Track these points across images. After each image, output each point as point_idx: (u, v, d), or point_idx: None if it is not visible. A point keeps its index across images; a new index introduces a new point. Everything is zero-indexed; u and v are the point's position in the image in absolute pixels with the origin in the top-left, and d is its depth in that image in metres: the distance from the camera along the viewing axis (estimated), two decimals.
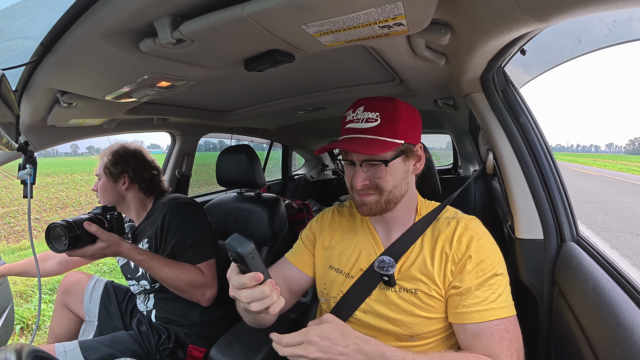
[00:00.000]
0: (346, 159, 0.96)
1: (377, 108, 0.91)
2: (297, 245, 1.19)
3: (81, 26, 0.64)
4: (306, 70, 1.22)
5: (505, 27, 0.67)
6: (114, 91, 0.96)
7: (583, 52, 1.04)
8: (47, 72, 0.83)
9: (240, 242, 0.70)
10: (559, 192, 1.08)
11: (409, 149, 0.94)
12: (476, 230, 0.94)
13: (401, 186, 0.96)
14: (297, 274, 1.13)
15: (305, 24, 0.62)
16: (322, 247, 1.12)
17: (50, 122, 1.19)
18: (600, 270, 0.86)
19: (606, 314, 0.72)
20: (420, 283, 0.92)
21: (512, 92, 1.14)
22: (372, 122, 0.90)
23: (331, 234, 1.12)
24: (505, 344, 0.83)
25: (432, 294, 0.91)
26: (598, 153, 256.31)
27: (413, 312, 0.92)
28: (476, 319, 0.85)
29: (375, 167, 0.92)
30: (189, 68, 0.85)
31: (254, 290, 0.73)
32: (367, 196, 0.95)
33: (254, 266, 0.72)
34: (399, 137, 0.90)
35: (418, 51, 0.92)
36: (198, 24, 0.61)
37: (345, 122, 0.95)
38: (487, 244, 0.92)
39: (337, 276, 1.05)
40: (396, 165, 0.93)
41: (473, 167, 3.44)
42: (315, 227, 1.17)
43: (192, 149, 2.19)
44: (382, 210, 0.96)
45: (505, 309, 0.86)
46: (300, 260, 1.14)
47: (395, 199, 0.96)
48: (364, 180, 0.92)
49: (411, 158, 0.97)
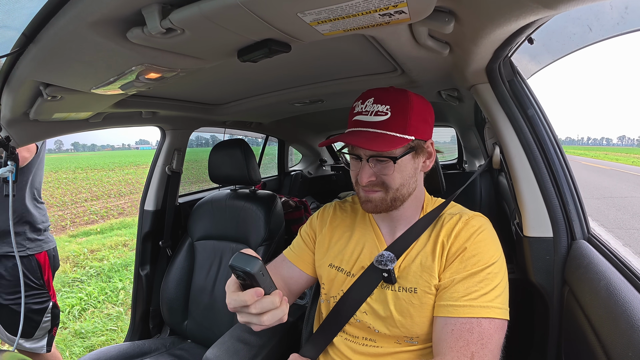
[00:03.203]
0: (352, 152, 0.96)
1: (388, 101, 0.90)
2: (296, 242, 1.19)
3: (65, 15, 0.64)
4: (303, 60, 1.22)
5: (512, 14, 0.67)
6: (101, 83, 0.95)
7: (593, 41, 1.04)
8: (30, 63, 0.83)
9: (247, 261, 0.69)
10: (568, 188, 1.08)
11: (419, 145, 0.94)
12: (477, 226, 0.94)
13: (409, 184, 0.96)
14: (296, 273, 1.13)
15: (302, 11, 0.62)
16: (322, 244, 1.12)
17: (33, 116, 1.19)
18: (612, 269, 0.86)
19: (619, 315, 0.72)
20: (420, 280, 0.93)
21: (520, 83, 1.14)
22: (382, 115, 0.89)
23: (332, 231, 1.13)
24: (460, 344, 0.81)
25: (431, 291, 0.91)
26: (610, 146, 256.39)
27: (412, 312, 0.93)
28: (454, 313, 0.85)
29: (383, 163, 0.92)
30: (180, 59, 0.85)
31: (263, 302, 0.72)
32: (373, 193, 0.95)
33: (264, 282, 0.72)
34: (409, 132, 0.90)
35: (420, 40, 0.92)
36: (189, 12, 0.61)
37: (353, 114, 0.95)
38: (485, 241, 0.92)
39: (338, 275, 1.06)
40: (405, 163, 0.93)
41: (479, 161, 3.44)
42: (316, 224, 1.17)
43: (183, 144, 2.19)
44: (388, 208, 0.96)
45: (490, 310, 0.83)
46: (300, 258, 1.15)
47: (402, 197, 0.96)
48: (370, 177, 0.92)
49: (421, 155, 0.97)
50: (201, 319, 1.83)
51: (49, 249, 1.99)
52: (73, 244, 6.66)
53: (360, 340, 1.02)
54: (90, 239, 7.12)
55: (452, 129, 3.58)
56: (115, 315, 3.59)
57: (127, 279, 4.55)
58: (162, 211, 2.15)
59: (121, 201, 12.35)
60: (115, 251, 6.13)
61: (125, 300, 3.94)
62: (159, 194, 2.13)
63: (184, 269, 1.91)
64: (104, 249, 6.26)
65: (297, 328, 1.45)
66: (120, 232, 7.64)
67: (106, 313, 3.67)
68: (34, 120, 1.25)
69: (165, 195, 2.15)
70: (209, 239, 1.94)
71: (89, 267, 5.12)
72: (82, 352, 2.96)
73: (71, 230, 8.21)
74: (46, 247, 1.97)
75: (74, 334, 3.24)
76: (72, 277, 4.70)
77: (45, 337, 2.00)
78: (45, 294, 1.96)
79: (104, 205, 11.32)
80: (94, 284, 4.46)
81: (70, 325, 3.40)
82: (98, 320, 3.50)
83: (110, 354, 1.62)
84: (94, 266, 5.14)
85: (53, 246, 2.04)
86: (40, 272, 1.92)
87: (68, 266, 5.27)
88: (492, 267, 0.88)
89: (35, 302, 1.91)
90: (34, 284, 1.90)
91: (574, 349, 0.97)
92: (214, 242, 1.92)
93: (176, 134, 2.12)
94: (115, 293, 4.15)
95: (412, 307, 0.93)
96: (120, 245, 6.53)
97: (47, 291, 1.97)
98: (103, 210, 10.41)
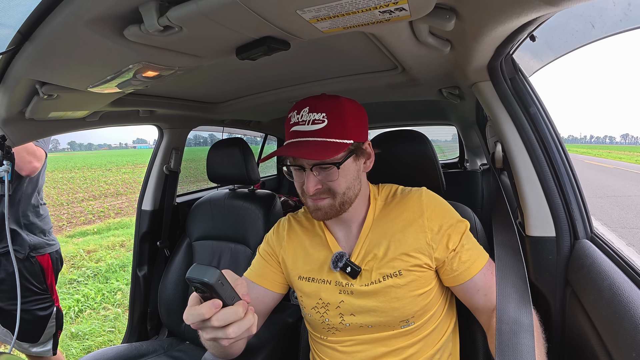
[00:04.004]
0: (295, 163, 0.97)
1: (322, 108, 0.92)
2: (255, 261, 1.19)
3: (62, 12, 0.64)
4: (302, 58, 1.22)
5: (514, 11, 0.67)
6: (97, 82, 0.95)
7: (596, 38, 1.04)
8: (26, 61, 0.83)
9: (204, 272, 0.64)
10: (571, 187, 1.08)
11: (358, 147, 0.97)
12: (435, 198, 1.06)
13: (354, 186, 0.99)
14: (260, 292, 1.12)
15: (301, 9, 0.62)
16: (286, 259, 1.13)
17: (29, 115, 1.19)
18: (616, 269, 0.86)
19: (623, 315, 0.72)
20: (400, 262, 0.97)
21: (522, 81, 1.14)
22: (319, 123, 0.91)
23: (292, 244, 1.14)
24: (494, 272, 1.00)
25: (414, 269, 0.97)
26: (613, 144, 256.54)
27: (399, 295, 0.96)
28: (477, 268, 0.99)
29: (327, 171, 0.94)
30: (177, 57, 0.85)
31: (224, 313, 0.67)
32: (321, 200, 0.97)
33: (224, 292, 0.68)
34: (347, 137, 0.92)
35: (421, 38, 0.92)
36: (187, 9, 0.61)
37: (290, 125, 0.97)
38: (447, 206, 1.05)
39: (310, 285, 1.07)
40: (348, 166, 0.96)
41: (480, 160, 3.44)
42: (273, 240, 1.18)
43: (181, 143, 2.19)
44: (337, 212, 0.99)
45: (483, 250, 1.04)
46: (262, 276, 1.14)
47: (349, 199, 0.99)
48: (316, 185, 0.94)
49: (361, 157, 1.01)
50: None
51: (52, 252, 1.99)
52: (70, 245, 6.66)
53: (355, 340, 1.04)
54: (87, 240, 7.12)
55: (453, 128, 3.58)
56: (113, 317, 3.59)
57: (124, 280, 4.55)
58: (160, 211, 2.15)
59: (118, 201, 12.35)
60: (112, 252, 6.13)
61: (122, 301, 3.94)
62: (156, 193, 2.13)
63: (182, 269, 1.91)
64: (101, 249, 6.26)
65: (296, 329, 1.45)
66: (117, 233, 7.63)
67: (103, 314, 3.67)
68: (29, 119, 1.25)
69: (163, 195, 2.15)
70: (208, 239, 1.94)
71: (85, 268, 5.12)
72: (79, 354, 2.96)
73: (68, 231, 8.21)
74: (49, 250, 1.97)
75: (70, 336, 3.24)
76: (69, 278, 4.70)
77: (50, 341, 2.00)
78: (49, 299, 1.95)
79: (101, 205, 11.32)
80: (90, 285, 4.46)
81: (67, 327, 3.39)
82: (95, 321, 3.50)
83: (107, 356, 1.61)
84: (90, 267, 5.14)
85: (57, 248, 2.04)
86: (43, 276, 1.92)
87: (65, 267, 5.26)
88: (462, 222, 1.03)
89: (39, 307, 1.91)
90: (37, 288, 1.90)
91: (576, 351, 0.97)
92: (213, 242, 1.92)
93: (174, 133, 2.12)
94: (113, 294, 4.15)
95: (398, 290, 0.96)
96: (117, 245, 6.53)
97: (50, 295, 1.97)
98: (100, 210, 10.42)
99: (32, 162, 1.75)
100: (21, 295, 1.33)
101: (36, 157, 1.78)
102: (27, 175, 1.78)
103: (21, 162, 1.71)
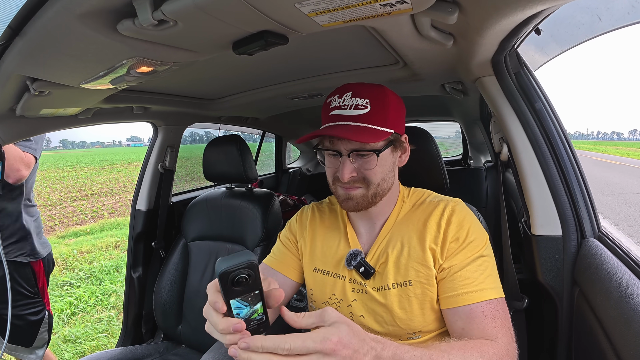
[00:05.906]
0: (332, 148, 0.96)
1: (366, 94, 0.92)
2: (276, 247, 1.19)
3: (53, 6, 0.64)
4: (301, 53, 1.22)
5: (519, 4, 0.67)
6: (90, 78, 0.95)
7: (603, 31, 1.04)
8: (16, 57, 0.82)
9: (239, 257, 0.64)
10: (578, 184, 1.09)
11: (397, 139, 0.97)
12: (464, 212, 0.98)
13: (388, 179, 0.98)
14: (280, 280, 1.11)
15: (300, 2, 0.62)
16: (305, 248, 1.13)
17: (20, 112, 1.19)
18: (624, 268, 0.86)
19: (632, 316, 0.73)
20: (412, 271, 0.95)
21: (527, 75, 1.14)
22: (361, 108, 0.91)
23: (313, 233, 1.13)
24: (498, 323, 0.86)
25: (426, 281, 0.94)
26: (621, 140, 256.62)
27: (407, 306, 0.95)
28: (467, 300, 0.88)
29: (364, 158, 0.93)
30: (172, 52, 0.85)
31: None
32: (354, 189, 0.96)
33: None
34: (389, 126, 0.92)
35: (423, 32, 0.92)
36: (182, 3, 0.61)
37: (330, 108, 0.96)
38: (475, 225, 0.97)
39: (324, 278, 1.07)
40: (386, 156, 0.96)
41: (484, 157, 3.45)
42: (295, 227, 1.18)
43: (177, 140, 2.19)
44: (369, 204, 0.98)
45: (494, 290, 0.89)
46: (282, 263, 1.14)
47: (382, 192, 0.98)
48: (351, 172, 0.93)
49: (399, 149, 1.01)
50: (196, 323, 1.83)
51: (44, 256, 1.99)
52: (62, 246, 6.65)
53: None
54: (79, 240, 7.11)
55: (457, 124, 3.58)
56: (107, 320, 3.59)
57: (118, 282, 4.55)
58: (155, 211, 2.15)
59: (112, 200, 12.33)
60: (106, 253, 6.12)
61: (116, 304, 3.94)
62: (151, 192, 2.13)
63: (177, 270, 1.91)
64: (95, 250, 6.25)
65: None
66: (111, 233, 7.62)
67: (97, 317, 3.67)
68: (20, 117, 1.25)
69: (158, 194, 2.15)
70: (204, 239, 1.94)
71: (78, 270, 5.12)
72: (72, 357, 2.96)
73: (60, 231, 8.20)
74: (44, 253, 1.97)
75: (63, 339, 3.24)
76: (61, 280, 4.70)
77: (44, 347, 2.01)
78: (40, 303, 1.95)
79: (94, 205, 11.31)
80: (84, 287, 4.46)
81: (60, 330, 3.40)
82: (88, 325, 3.50)
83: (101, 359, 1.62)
84: (83, 268, 5.13)
85: (49, 251, 2.04)
86: (34, 279, 1.92)
87: (57, 269, 5.26)
88: (485, 249, 0.94)
89: (30, 312, 1.91)
90: (28, 292, 1.90)
91: (585, 352, 0.97)
92: (209, 242, 1.92)
93: (169, 130, 2.12)
94: (106, 296, 4.15)
95: (407, 301, 0.95)
96: (111, 246, 6.52)
97: (42, 299, 1.97)
98: (93, 210, 10.41)
99: (20, 169, 1.74)
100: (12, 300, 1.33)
101: (24, 164, 1.77)
102: (14, 183, 1.77)
103: (8, 169, 1.70)
